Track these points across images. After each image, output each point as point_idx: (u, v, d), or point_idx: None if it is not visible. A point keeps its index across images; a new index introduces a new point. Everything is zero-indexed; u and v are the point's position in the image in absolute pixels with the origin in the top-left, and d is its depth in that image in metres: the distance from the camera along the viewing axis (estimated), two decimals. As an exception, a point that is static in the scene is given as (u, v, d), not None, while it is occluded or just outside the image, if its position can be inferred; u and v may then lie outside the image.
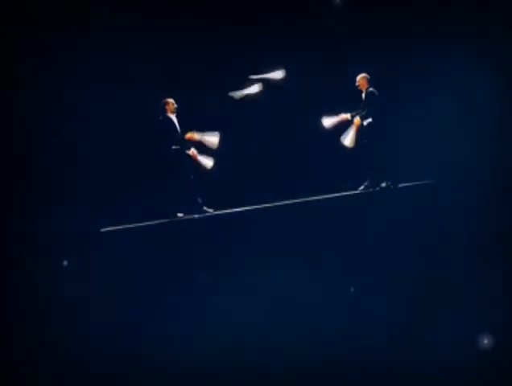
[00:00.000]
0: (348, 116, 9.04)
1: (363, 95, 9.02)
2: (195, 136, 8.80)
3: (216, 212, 8.78)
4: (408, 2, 9.46)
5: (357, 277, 7.80)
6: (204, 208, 8.79)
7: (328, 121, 9.14)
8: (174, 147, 8.72)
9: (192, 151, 8.74)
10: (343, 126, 9.09)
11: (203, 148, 8.78)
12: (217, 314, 7.35)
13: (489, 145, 8.71)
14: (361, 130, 8.93)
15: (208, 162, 8.82)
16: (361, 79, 9.02)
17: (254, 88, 9.22)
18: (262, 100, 9.57)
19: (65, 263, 7.92)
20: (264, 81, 9.27)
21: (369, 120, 8.91)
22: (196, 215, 8.57)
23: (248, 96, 9.21)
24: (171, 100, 8.83)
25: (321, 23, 9.77)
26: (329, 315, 7.25)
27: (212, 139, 8.84)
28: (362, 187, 8.97)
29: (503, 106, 8.82)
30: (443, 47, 9.18)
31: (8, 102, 8.75)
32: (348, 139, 8.97)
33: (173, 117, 8.82)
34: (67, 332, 7.27)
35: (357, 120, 8.96)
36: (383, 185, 8.80)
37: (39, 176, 8.72)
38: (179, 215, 8.70)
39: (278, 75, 9.29)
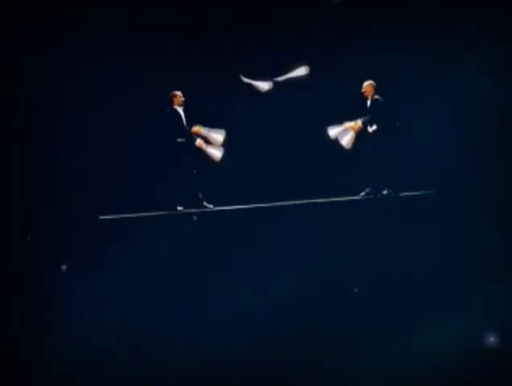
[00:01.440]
0: (359, 123, 8.97)
1: (368, 102, 9.01)
2: (201, 130, 8.79)
3: (216, 208, 8.82)
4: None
5: (356, 279, 7.88)
6: (205, 204, 8.82)
7: (333, 132, 9.06)
8: (179, 140, 8.76)
9: (199, 142, 8.76)
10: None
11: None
12: (215, 311, 7.41)
13: (491, 155, 8.74)
14: (365, 137, 8.95)
15: (216, 153, 8.81)
16: (367, 86, 8.98)
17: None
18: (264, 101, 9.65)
19: (64, 267, 7.93)
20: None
21: (374, 127, 8.93)
22: (195, 217, 8.59)
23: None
24: (178, 93, 8.86)
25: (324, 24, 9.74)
26: (330, 316, 7.34)
27: (217, 136, 8.83)
28: (363, 193, 9.00)
29: (505, 115, 8.84)
30: (443, 55, 9.18)
31: (7, 98, 8.76)
32: (346, 140, 8.92)
33: (180, 110, 8.86)
34: (66, 328, 7.30)
35: (357, 124, 8.94)
36: (384, 192, 8.83)
37: (39, 168, 8.77)
38: (179, 208, 8.73)
39: (301, 72, 9.24)
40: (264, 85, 9.27)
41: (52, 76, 8.86)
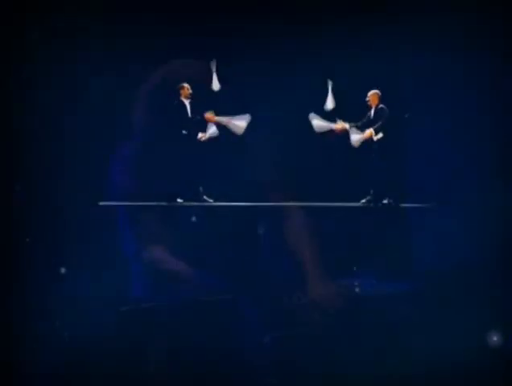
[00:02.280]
0: (346, 126, 8.98)
1: (372, 111, 9.03)
2: (215, 118, 8.82)
3: (216, 203, 8.84)
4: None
5: (354, 282, 7.93)
6: (205, 197, 8.84)
7: (319, 124, 9.08)
8: (184, 132, 8.81)
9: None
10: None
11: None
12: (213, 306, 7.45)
13: (491, 166, 8.74)
14: (369, 145, 8.98)
15: (239, 123, 8.83)
16: (372, 95, 9.02)
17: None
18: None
19: (63, 270, 7.97)
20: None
21: (380, 136, 8.93)
22: (194, 218, 8.61)
23: None
24: (186, 85, 8.93)
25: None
26: (329, 317, 7.39)
27: (240, 123, 8.85)
28: (364, 201, 9.01)
29: (507, 124, 8.82)
30: (444, 60, 9.14)
31: (7, 98, 8.74)
32: (355, 138, 8.94)
33: (187, 102, 8.92)
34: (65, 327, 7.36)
35: (370, 132, 8.95)
36: (385, 201, 8.84)
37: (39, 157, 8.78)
38: (179, 200, 8.75)
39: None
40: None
41: (53, 71, 8.83)
